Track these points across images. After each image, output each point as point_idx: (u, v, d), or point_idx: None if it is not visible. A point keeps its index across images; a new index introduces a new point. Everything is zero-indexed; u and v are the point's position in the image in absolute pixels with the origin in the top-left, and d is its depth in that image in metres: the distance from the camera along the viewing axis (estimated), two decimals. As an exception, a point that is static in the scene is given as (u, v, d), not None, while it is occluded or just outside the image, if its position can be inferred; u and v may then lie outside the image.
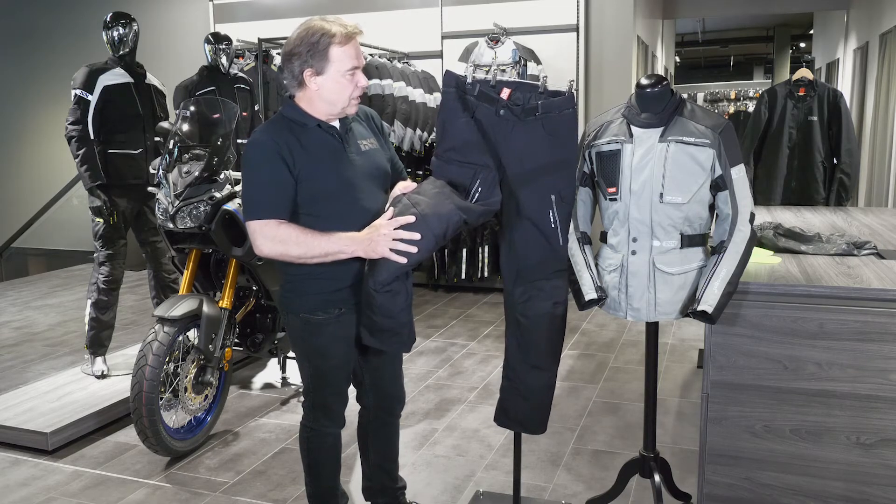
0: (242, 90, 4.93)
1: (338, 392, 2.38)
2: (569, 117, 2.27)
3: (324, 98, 2.17)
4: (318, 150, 2.17)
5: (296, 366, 4.34)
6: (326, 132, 2.21)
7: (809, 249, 2.65)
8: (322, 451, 2.44)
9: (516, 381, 2.44)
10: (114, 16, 4.11)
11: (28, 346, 5.00)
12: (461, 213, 2.15)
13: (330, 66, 2.12)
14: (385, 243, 2.08)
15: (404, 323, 2.21)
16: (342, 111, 2.21)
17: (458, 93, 2.27)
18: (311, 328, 2.27)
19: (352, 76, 2.16)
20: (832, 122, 4.49)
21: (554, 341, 2.40)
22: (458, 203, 2.17)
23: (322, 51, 2.10)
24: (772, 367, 2.20)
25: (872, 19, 7.76)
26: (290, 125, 2.18)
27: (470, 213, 2.19)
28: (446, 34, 6.34)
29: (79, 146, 3.93)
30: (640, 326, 5.00)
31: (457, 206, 2.16)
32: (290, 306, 2.30)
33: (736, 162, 2.21)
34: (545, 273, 2.33)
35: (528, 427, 2.50)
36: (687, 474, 2.94)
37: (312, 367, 2.34)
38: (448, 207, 2.14)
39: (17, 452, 3.39)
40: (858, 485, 2.17)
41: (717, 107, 17.76)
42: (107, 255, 4.10)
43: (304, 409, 2.42)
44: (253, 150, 2.16)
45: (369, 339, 2.23)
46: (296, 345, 2.36)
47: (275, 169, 2.12)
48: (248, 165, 2.16)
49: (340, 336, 2.29)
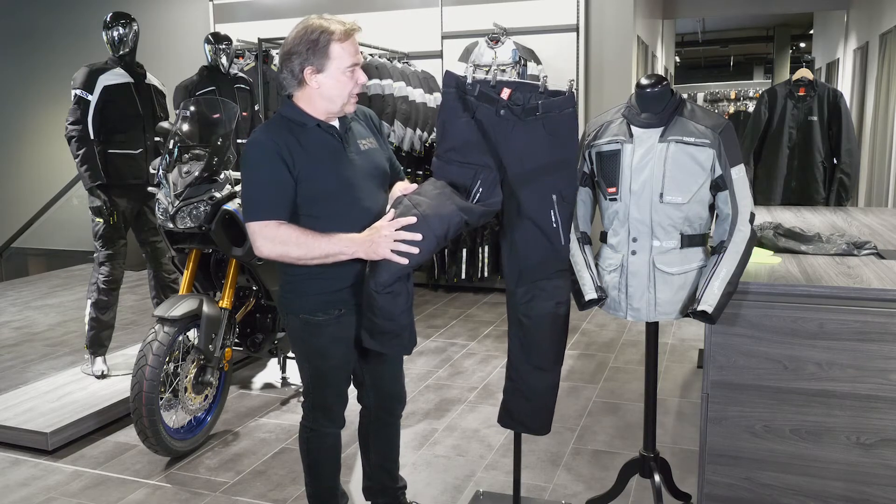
0: (242, 90, 4.94)
1: (338, 393, 2.38)
2: (569, 117, 2.27)
3: (324, 96, 2.16)
4: (317, 150, 2.17)
5: (296, 366, 4.36)
6: (326, 132, 2.20)
7: (809, 249, 2.65)
8: (322, 452, 2.44)
9: (519, 382, 2.44)
10: (114, 16, 4.11)
11: (28, 346, 5.00)
12: (462, 213, 2.15)
13: (330, 64, 2.12)
14: (386, 245, 2.08)
15: (405, 325, 2.20)
16: (342, 109, 2.20)
17: (458, 93, 2.27)
18: (312, 329, 2.26)
19: (352, 73, 2.15)
20: (832, 122, 4.49)
21: (557, 342, 2.39)
22: (460, 204, 2.17)
23: (322, 48, 2.10)
24: (772, 367, 2.20)
25: (872, 19, 7.76)
26: (290, 125, 2.17)
27: (471, 214, 2.19)
28: (446, 34, 6.34)
29: (79, 146, 3.93)
30: (640, 326, 5.00)
31: (458, 206, 2.15)
32: (289, 307, 2.29)
33: (736, 162, 2.21)
34: (547, 273, 2.33)
35: (531, 428, 2.50)
36: (687, 474, 2.94)
37: (312, 367, 2.34)
38: (449, 208, 2.13)
39: (17, 452, 3.39)
40: (858, 485, 2.17)
41: (717, 107, 17.75)
42: (107, 255, 4.10)
43: (304, 409, 2.41)
44: (252, 151, 2.15)
45: (370, 341, 2.23)
46: (295, 345, 2.35)
47: (274, 169, 2.11)
48: (247, 166, 2.15)
49: (340, 337, 2.28)
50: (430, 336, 5.11)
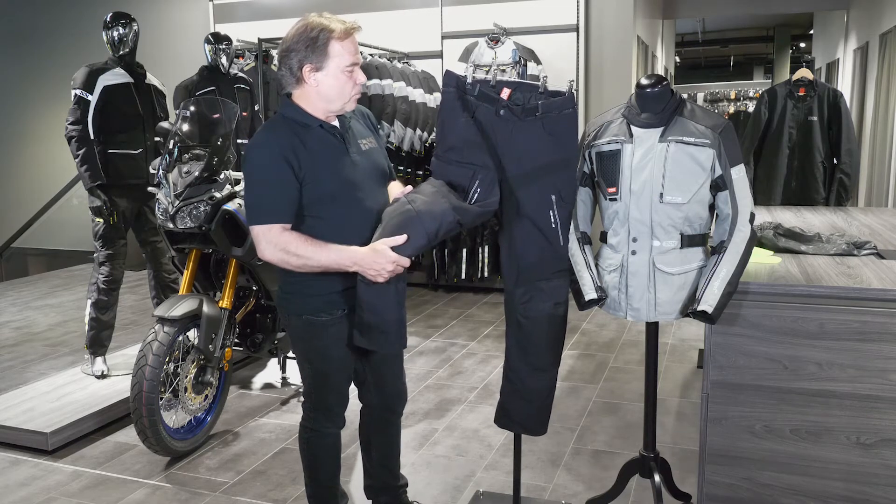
0: (242, 90, 4.94)
1: (339, 393, 2.38)
2: (569, 117, 2.27)
3: (322, 95, 2.14)
4: (321, 152, 2.16)
5: (296, 366, 4.36)
6: (328, 132, 2.19)
7: (809, 249, 2.65)
8: (322, 452, 2.44)
9: (517, 383, 2.44)
10: (114, 16, 4.11)
11: (28, 346, 5.00)
12: (455, 213, 2.15)
13: (329, 62, 2.11)
14: (383, 276, 2.09)
15: (391, 321, 2.18)
16: (341, 108, 2.19)
17: (458, 93, 2.27)
18: (314, 330, 2.26)
19: (351, 73, 2.14)
20: (832, 122, 4.49)
21: (555, 342, 2.39)
22: (454, 203, 2.17)
23: (321, 46, 2.09)
24: (772, 367, 2.20)
25: (872, 19, 7.76)
26: (293, 126, 2.15)
27: (465, 214, 2.19)
28: (446, 34, 6.34)
29: (79, 146, 3.93)
30: (640, 326, 5.00)
31: (452, 205, 2.15)
32: (291, 307, 2.29)
33: (736, 162, 2.21)
34: (546, 273, 2.33)
35: (528, 428, 2.50)
36: (687, 474, 2.94)
37: (314, 368, 2.33)
38: (442, 206, 2.13)
39: (17, 452, 3.39)
40: (858, 485, 2.17)
41: (717, 107, 17.74)
42: (107, 255, 4.10)
43: (304, 409, 2.41)
44: (256, 153, 2.13)
45: (358, 338, 2.22)
46: (296, 346, 2.35)
47: (279, 172, 2.09)
48: (251, 168, 2.13)
49: (342, 337, 2.28)
50: (430, 336, 5.11)
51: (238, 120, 3.89)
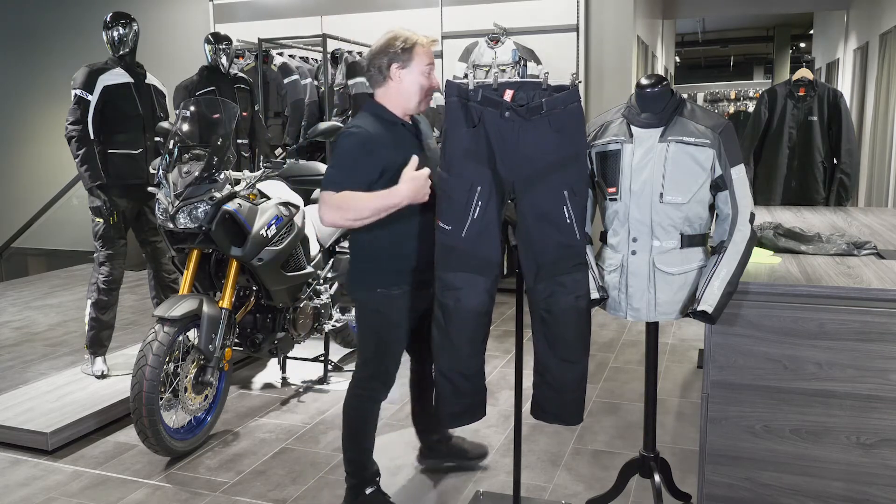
0: (242, 90, 4.93)
1: (396, 361, 2.67)
2: (574, 111, 2.26)
3: (403, 91, 2.46)
4: (404, 148, 2.45)
5: (296, 366, 4.37)
6: (409, 130, 2.51)
7: (809, 249, 2.65)
8: (371, 416, 2.70)
9: (548, 377, 2.44)
10: (114, 16, 4.11)
11: (28, 346, 5.00)
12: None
13: (413, 62, 2.46)
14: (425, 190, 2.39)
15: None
16: (417, 107, 2.51)
17: (460, 101, 2.28)
18: (390, 302, 2.54)
19: (429, 73, 2.49)
20: (832, 122, 4.48)
21: (581, 333, 2.40)
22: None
23: (409, 49, 2.45)
24: (772, 367, 2.20)
25: (872, 19, 7.76)
26: (383, 122, 2.46)
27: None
28: (446, 34, 6.34)
29: (79, 146, 3.93)
30: (640, 326, 5.00)
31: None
32: (367, 282, 2.55)
33: (736, 162, 2.21)
34: (565, 268, 2.33)
35: (564, 419, 2.50)
36: (687, 474, 2.94)
37: (380, 338, 2.59)
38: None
39: (17, 452, 3.39)
40: (858, 485, 2.17)
41: (717, 107, 17.77)
42: (107, 255, 4.10)
43: (357, 379, 2.66)
44: (351, 139, 2.40)
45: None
46: (367, 319, 2.60)
47: (364, 158, 2.38)
48: (340, 149, 2.41)
49: (410, 308, 2.59)
50: (430, 336, 5.10)
51: (238, 120, 3.88)
